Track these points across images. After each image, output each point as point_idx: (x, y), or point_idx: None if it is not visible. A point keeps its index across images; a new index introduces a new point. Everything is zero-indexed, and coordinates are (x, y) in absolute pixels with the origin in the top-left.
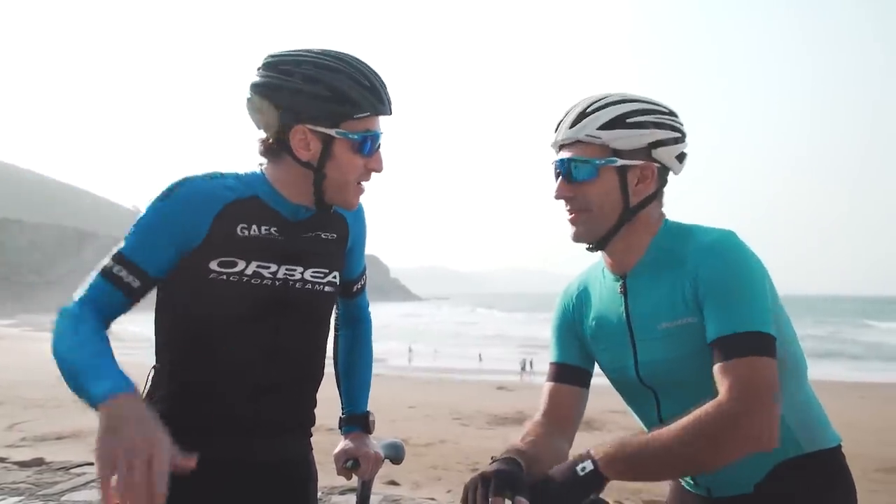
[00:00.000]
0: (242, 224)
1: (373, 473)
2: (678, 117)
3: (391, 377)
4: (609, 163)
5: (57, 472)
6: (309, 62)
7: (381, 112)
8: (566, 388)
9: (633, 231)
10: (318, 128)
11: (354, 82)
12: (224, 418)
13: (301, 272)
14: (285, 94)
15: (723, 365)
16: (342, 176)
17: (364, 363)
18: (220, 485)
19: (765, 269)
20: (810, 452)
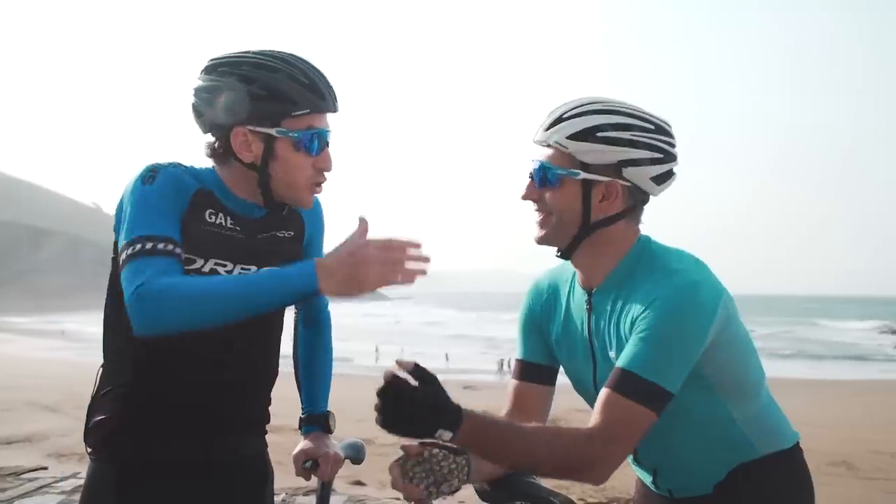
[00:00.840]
0: (210, 210)
1: (332, 474)
2: (668, 135)
3: (357, 377)
4: (571, 174)
5: (7, 477)
6: (246, 63)
7: (321, 109)
8: (531, 386)
9: (598, 247)
10: (258, 128)
11: (292, 80)
12: (173, 417)
13: (255, 272)
14: (223, 96)
15: (610, 394)
16: (289, 176)
17: (324, 363)
18: (172, 486)
19: (705, 329)
20: (766, 455)
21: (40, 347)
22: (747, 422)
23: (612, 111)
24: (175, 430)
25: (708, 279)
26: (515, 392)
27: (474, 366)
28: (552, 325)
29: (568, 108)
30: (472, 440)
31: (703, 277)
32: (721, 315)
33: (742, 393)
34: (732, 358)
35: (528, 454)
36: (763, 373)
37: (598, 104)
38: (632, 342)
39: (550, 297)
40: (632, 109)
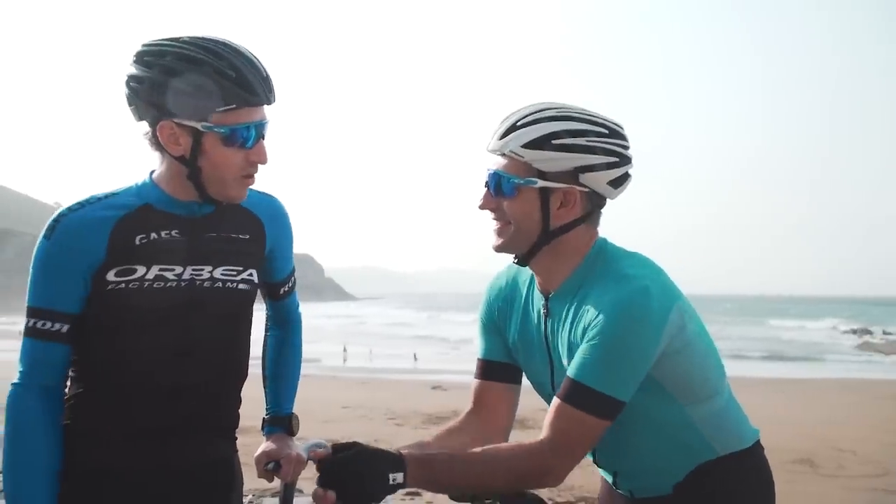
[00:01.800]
0: (140, 235)
1: (295, 475)
2: (622, 138)
3: (325, 377)
4: (529, 183)
5: None
6: (172, 53)
7: (250, 103)
8: (493, 385)
9: (556, 253)
10: (185, 122)
11: (218, 74)
12: (133, 424)
13: (210, 271)
14: (147, 88)
15: (561, 405)
16: (217, 171)
17: (292, 364)
18: (134, 492)
19: (656, 335)
20: (725, 454)
21: (3, 349)
22: (705, 423)
23: (566, 117)
24: (135, 436)
25: (660, 284)
26: (477, 392)
27: (442, 366)
28: (509, 327)
29: (521, 116)
30: (423, 476)
31: (654, 283)
32: (674, 321)
33: (699, 396)
34: (687, 363)
35: (481, 477)
36: (723, 373)
37: (552, 110)
38: (581, 350)
39: (508, 295)
40: (585, 114)
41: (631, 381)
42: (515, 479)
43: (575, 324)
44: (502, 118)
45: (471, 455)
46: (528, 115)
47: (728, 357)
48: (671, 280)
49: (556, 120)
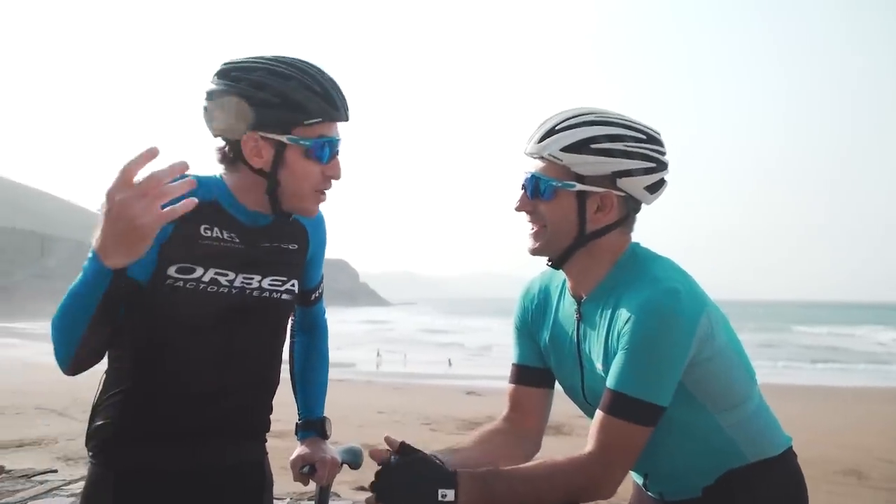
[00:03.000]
0: (205, 225)
1: (330, 479)
2: (659, 144)
3: (359, 383)
4: (567, 186)
5: (19, 479)
6: (260, 69)
7: (333, 118)
8: (527, 390)
9: (591, 257)
10: (269, 135)
11: (305, 88)
12: (171, 424)
13: (259, 280)
14: (235, 102)
15: (604, 417)
16: (297, 183)
17: (320, 369)
18: (168, 492)
19: (688, 337)
20: (756, 461)
21: (48, 352)
22: (735, 429)
23: (604, 122)
24: (172, 437)
25: (689, 289)
26: (512, 396)
27: (477, 371)
28: (541, 332)
29: (560, 120)
30: (476, 494)
31: (683, 286)
32: (703, 327)
33: (728, 402)
34: (716, 371)
35: (532, 493)
36: (753, 379)
37: (591, 115)
38: (618, 359)
39: (541, 301)
40: (624, 120)
41: (668, 383)
42: (568, 495)
43: (610, 329)
44: (540, 122)
45: (522, 472)
46: (566, 119)
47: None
48: (700, 287)
49: (594, 124)
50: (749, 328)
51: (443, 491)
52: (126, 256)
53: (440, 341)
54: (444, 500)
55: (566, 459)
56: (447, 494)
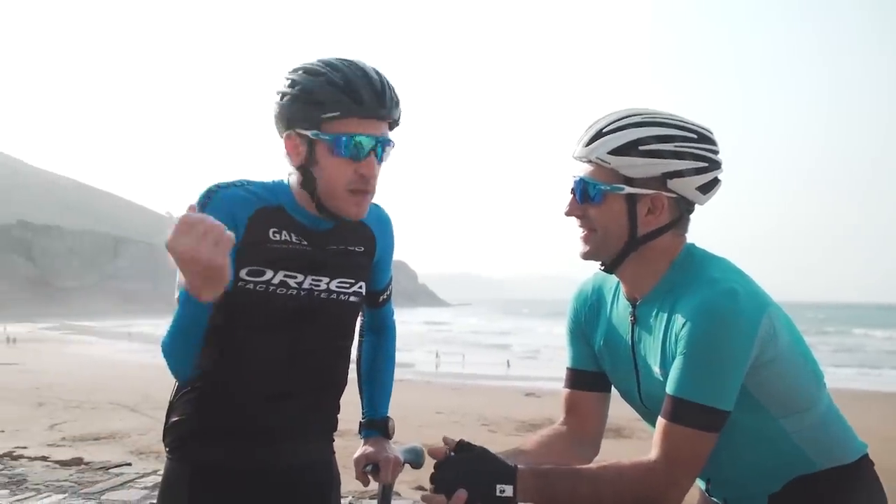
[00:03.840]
0: (274, 228)
1: (392, 478)
2: (711, 143)
3: (419, 383)
4: (616, 190)
5: (97, 471)
6: (302, 68)
7: (354, 112)
8: (583, 394)
9: (644, 260)
10: (302, 131)
11: (328, 83)
12: (243, 423)
13: (327, 282)
14: (279, 101)
15: (667, 424)
16: (329, 182)
17: (386, 369)
18: (241, 489)
19: (749, 338)
20: (827, 468)
21: (121, 350)
22: (801, 435)
23: (652, 123)
24: (244, 436)
25: (749, 289)
26: (568, 401)
27: (535, 373)
28: (595, 335)
29: (607, 123)
30: (535, 491)
31: (742, 287)
32: (765, 328)
33: (793, 408)
34: (780, 374)
35: (594, 497)
36: (821, 383)
37: (638, 116)
38: (677, 363)
39: (594, 304)
40: (673, 119)
41: (730, 387)
42: (630, 501)
43: (667, 332)
44: (588, 125)
45: (585, 473)
46: (613, 121)
47: (836, 366)
48: (761, 288)
49: (642, 126)
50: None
51: (501, 486)
52: (216, 289)
53: (498, 342)
54: (502, 495)
55: (631, 465)
56: (505, 490)
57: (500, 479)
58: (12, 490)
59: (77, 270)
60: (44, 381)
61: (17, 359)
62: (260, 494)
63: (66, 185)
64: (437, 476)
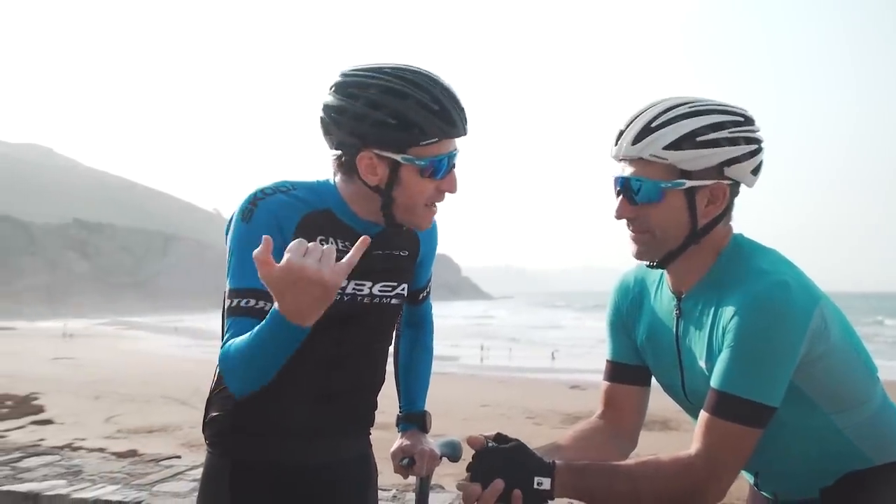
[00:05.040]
0: (321, 236)
1: (429, 471)
2: (754, 123)
3: (464, 376)
4: (676, 186)
5: (148, 463)
6: (376, 86)
7: (450, 135)
8: (622, 388)
9: (698, 252)
10: (385, 153)
11: (421, 107)
12: (283, 423)
13: (370, 287)
14: (350, 119)
15: (709, 418)
16: (410, 200)
17: (424, 363)
18: (281, 484)
19: (800, 332)
20: (882, 464)
21: (171, 345)
22: (856, 430)
23: (702, 112)
24: (283, 432)
25: (800, 282)
26: (607, 394)
27: (580, 365)
28: (637, 327)
29: (652, 116)
30: (572, 486)
31: (794, 279)
32: (817, 321)
33: (845, 404)
34: (832, 369)
35: (632, 493)
36: (875, 377)
37: (684, 106)
38: (723, 357)
39: (637, 296)
40: (718, 105)
41: (778, 382)
42: (670, 498)
43: (714, 325)
44: (626, 120)
45: (623, 469)
46: (660, 114)
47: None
48: (811, 280)
49: (692, 116)
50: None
51: (539, 479)
52: (320, 313)
53: (543, 335)
54: (539, 488)
55: (670, 460)
56: (543, 482)
57: (538, 472)
58: (69, 480)
59: (128, 267)
60: (99, 376)
61: (73, 353)
62: (299, 490)
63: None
64: (475, 465)
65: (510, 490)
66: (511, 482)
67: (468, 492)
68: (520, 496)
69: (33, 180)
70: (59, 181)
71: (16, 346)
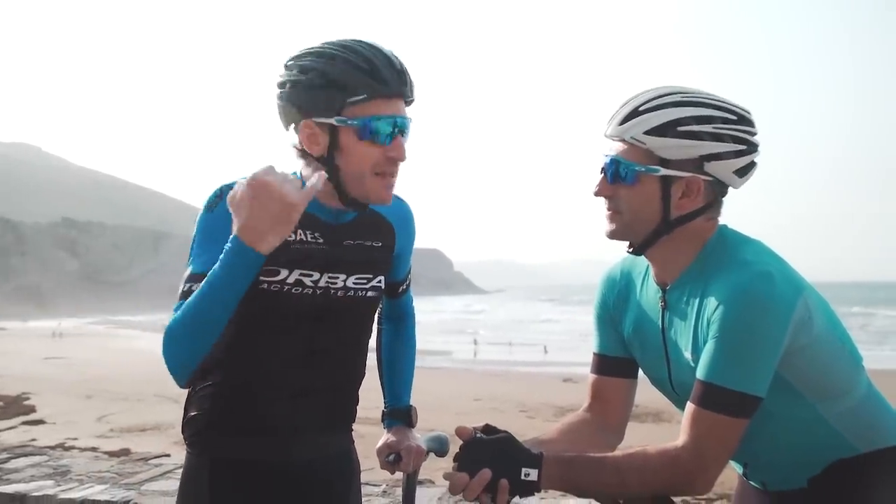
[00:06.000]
0: None
1: (416, 467)
2: (750, 124)
3: (457, 370)
4: (651, 171)
5: (137, 462)
6: (309, 53)
7: (381, 93)
8: (609, 381)
9: (675, 243)
10: (321, 119)
11: (349, 66)
12: (260, 420)
13: (344, 279)
14: (287, 90)
15: (696, 410)
16: (355, 167)
17: (406, 358)
18: (260, 482)
19: (784, 322)
20: (869, 451)
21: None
22: (841, 419)
23: (691, 103)
24: (261, 429)
25: (783, 272)
26: (594, 387)
27: (573, 358)
28: (624, 320)
29: (643, 101)
30: (559, 478)
31: (777, 270)
32: (800, 311)
33: (831, 392)
34: (816, 358)
35: (620, 485)
36: (860, 366)
37: (676, 95)
38: (708, 348)
39: (623, 289)
40: (712, 99)
41: (763, 372)
42: (657, 489)
43: (699, 316)
44: (622, 102)
45: (610, 461)
46: (650, 99)
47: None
48: (795, 271)
49: (680, 105)
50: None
51: (526, 469)
52: (278, 238)
53: (535, 328)
54: (526, 479)
55: (657, 452)
56: (530, 474)
57: (525, 463)
58: (57, 480)
59: (119, 266)
60: (91, 375)
61: (64, 353)
62: (280, 488)
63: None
64: (463, 455)
65: (497, 480)
66: (498, 472)
67: (455, 481)
68: (506, 486)
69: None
70: (48, 180)
71: (7, 346)
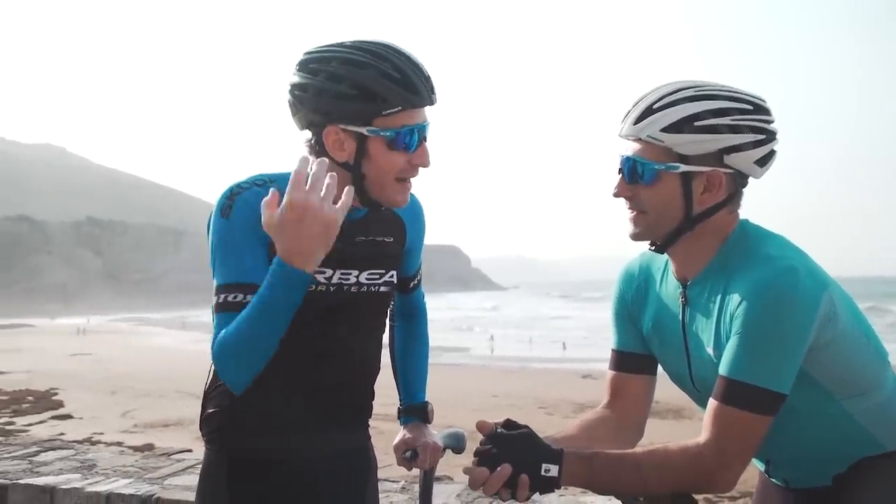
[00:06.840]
0: None
1: (432, 463)
2: (766, 113)
3: (475, 367)
4: (671, 169)
5: (160, 457)
6: (336, 58)
7: (414, 104)
8: (628, 377)
9: (698, 238)
10: (350, 127)
11: (383, 76)
12: (277, 417)
13: (356, 275)
14: (313, 95)
15: (718, 406)
16: (381, 174)
17: (420, 354)
18: (278, 478)
19: (809, 317)
20: (894, 450)
21: (184, 340)
22: (867, 416)
23: (706, 96)
24: (278, 426)
25: (808, 267)
26: (613, 383)
27: (592, 354)
28: (643, 316)
29: (656, 98)
30: (580, 474)
31: (802, 265)
32: (825, 307)
33: (856, 388)
34: (841, 354)
35: (640, 483)
36: (886, 362)
37: (690, 89)
38: (731, 343)
39: (642, 284)
40: (726, 91)
41: (788, 369)
42: (678, 487)
43: (721, 312)
44: (634, 100)
45: (631, 458)
46: (664, 95)
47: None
48: (819, 266)
49: (695, 100)
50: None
51: (546, 465)
52: (322, 255)
53: (553, 325)
54: (546, 475)
55: (678, 449)
56: (550, 469)
57: (545, 459)
58: (84, 474)
59: (141, 263)
60: (115, 371)
61: (89, 349)
62: (298, 483)
63: (130, 181)
64: (483, 450)
65: (517, 475)
66: (518, 468)
67: (475, 475)
68: (527, 481)
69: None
70: (72, 180)
71: (36, 343)
